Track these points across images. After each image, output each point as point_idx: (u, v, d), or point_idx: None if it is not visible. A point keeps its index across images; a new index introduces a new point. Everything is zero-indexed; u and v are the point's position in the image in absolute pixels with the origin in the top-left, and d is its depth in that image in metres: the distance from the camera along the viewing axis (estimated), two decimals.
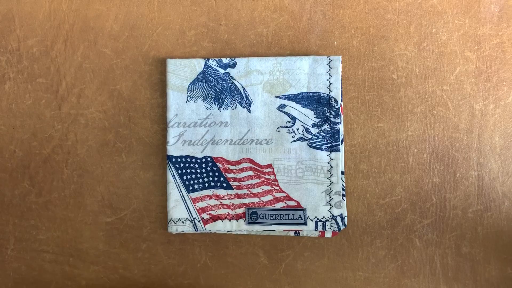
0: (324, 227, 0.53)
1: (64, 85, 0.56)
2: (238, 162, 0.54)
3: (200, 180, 0.54)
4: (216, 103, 0.54)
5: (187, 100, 0.54)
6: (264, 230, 0.54)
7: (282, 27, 0.55)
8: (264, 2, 0.55)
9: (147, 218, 0.56)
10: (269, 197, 0.53)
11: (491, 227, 0.54)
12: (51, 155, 0.56)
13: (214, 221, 0.53)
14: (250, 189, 0.54)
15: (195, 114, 0.54)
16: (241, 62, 0.54)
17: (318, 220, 0.53)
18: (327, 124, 0.53)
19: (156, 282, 0.56)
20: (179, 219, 0.53)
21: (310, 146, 0.53)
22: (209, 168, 0.54)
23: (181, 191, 0.54)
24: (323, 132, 0.53)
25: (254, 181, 0.54)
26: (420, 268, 0.55)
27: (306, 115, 0.53)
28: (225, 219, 0.53)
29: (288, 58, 0.54)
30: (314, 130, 0.53)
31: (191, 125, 0.54)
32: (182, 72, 0.54)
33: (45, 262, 0.57)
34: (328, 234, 0.54)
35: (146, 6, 0.56)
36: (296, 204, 0.53)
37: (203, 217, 0.53)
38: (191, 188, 0.54)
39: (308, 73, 0.54)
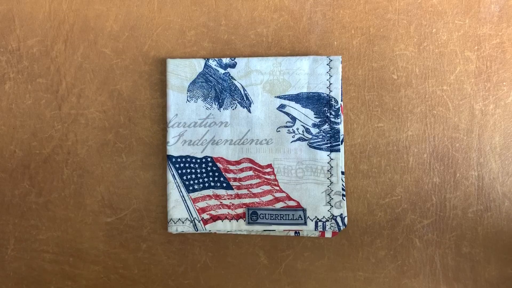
0: (324, 227, 0.53)
1: (64, 85, 0.56)
2: (238, 162, 0.54)
3: (200, 180, 0.54)
4: (216, 103, 0.54)
5: (187, 100, 0.54)
6: (264, 230, 0.54)
7: (282, 27, 0.55)
8: (264, 2, 0.55)
9: (147, 218, 0.56)
10: (269, 197, 0.53)
11: (491, 227, 0.54)
12: (51, 155, 0.56)
13: (214, 221, 0.53)
14: (250, 189, 0.54)
15: (195, 114, 0.54)
16: (241, 62, 0.54)
17: (318, 220, 0.53)
18: (327, 124, 0.53)
19: (156, 282, 0.56)
20: (179, 219, 0.53)
21: (310, 146, 0.53)
22: (209, 168, 0.54)
23: (181, 191, 0.54)
24: (323, 132, 0.53)
25: (254, 181, 0.54)
26: (420, 268, 0.55)
27: (306, 115, 0.53)
28: (225, 219, 0.53)
29: (288, 58, 0.54)
30: (314, 130, 0.53)
31: (191, 125, 0.54)
32: (182, 72, 0.54)
33: (45, 262, 0.57)
34: (328, 234, 0.54)
35: (146, 6, 0.56)
36: (296, 204, 0.53)
37: (203, 217, 0.53)
38: (191, 188, 0.54)
39: (308, 73, 0.54)
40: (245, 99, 0.54)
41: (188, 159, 0.54)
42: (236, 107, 0.54)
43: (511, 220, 0.54)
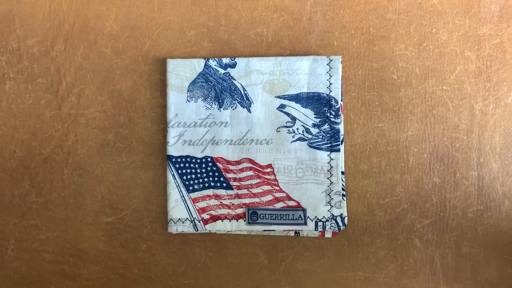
0: (324, 227, 0.53)
1: (64, 85, 0.56)
2: (238, 162, 0.54)
3: (200, 180, 0.54)
4: (216, 103, 0.54)
5: (187, 100, 0.54)
6: (264, 230, 0.54)
7: (282, 27, 0.55)
8: (264, 2, 0.55)
9: (147, 218, 0.56)
10: (269, 197, 0.53)
11: (491, 227, 0.54)
12: (51, 155, 0.56)
13: (214, 221, 0.53)
14: (250, 189, 0.54)
15: (195, 114, 0.54)
16: (241, 62, 0.54)
17: (318, 220, 0.53)
18: (327, 124, 0.53)
19: (156, 282, 0.56)
20: (179, 219, 0.53)
21: (310, 146, 0.53)
22: (209, 168, 0.54)
23: (181, 191, 0.54)
24: (323, 132, 0.53)
25: (254, 181, 0.54)
26: (420, 268, 0.55)
27: (306, 115, 0.53)
28: (225, 219, 0.53)
29: (288, 58, 0.54)
30: (314, 130, 0.53)
31: (191, 125, 0.54)
32: (182, 72, 0.54)
33: (45, 262, 0.57)
34: (328, 234, 0.54)
35: (146, 6, 0.56)
36: (296, 204, 0.53)
37: (203, 217, 0.53)
38: (191, 188, 0.54)
39: (308, 73, 0.54)
40: (245, 99, 0.54)
41: (188, 159, 0.54)
42: (236, 107, 0.54)
43: (511, 220, 0.54)
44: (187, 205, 0.54)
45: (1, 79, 0.57)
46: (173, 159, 0.54)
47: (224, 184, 0.54)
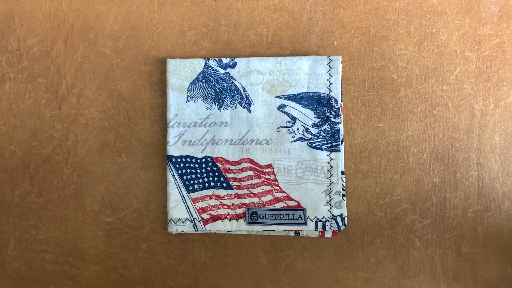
0: (324, 227, 0.53)
1: (64, 85, 0.56)
2: (238, 162, 0.54)
3: (200, 180, 0.54)
4: (216, 103, 0.54)
5: (187, 100, 0.54)
6: (264, 230, 0.54)
7: (282, 27, 0.55)
8: (264, 2, 0.55)
9: (147, 218, 0.56)
10: (269, 197, 0.53)
11: (491, 227, 0.54)
12: (51, 155, 0.56)
13: (214, 221, 0.53)
14: (250, 189, 0.54)
15: (195, 114, 0.54)
16: (241, 62, 0.54)
17: (318, 220, 0.53)
18: (327, 124, 0.53)
19: (156, 282, 0.56)
20: (179, 219, 0.53)
21: (310, 146, 0.53)
22: (209, 168, 0.54)
23: (181, 191, 0.54)
24: (323, 132, 0.53)
25: (254, 181, 0.54)
26: (420, 268, 0.55)
27: (306, 115, 0.53)
28: (225, 219, 0.53)
29: (288, 58, 0.54)
30: (314, 130, 0.53)
31: (191, 125, 0.54)
32: (182, 72, 0.54)
33: (45, 262, 0.57)
34: (328, 234, 0.54)
35: (146, 6, 0.56)
36: (296, 204, 0.53)
37: (203, 217, 0.53)
38: (191, 188, 0.54)
39: (308, 73, 0.54)
40: (245, 99, 0.54)
41: (188, 159, 0.54)
42: (236, 107, 0.54)
43: (511, 220, 0.54)
44: (187, 205, 0.54)
45: (1, 79, 0.57)
46: (173, 159, 0.54)
47: (224, 184, 0.54)
